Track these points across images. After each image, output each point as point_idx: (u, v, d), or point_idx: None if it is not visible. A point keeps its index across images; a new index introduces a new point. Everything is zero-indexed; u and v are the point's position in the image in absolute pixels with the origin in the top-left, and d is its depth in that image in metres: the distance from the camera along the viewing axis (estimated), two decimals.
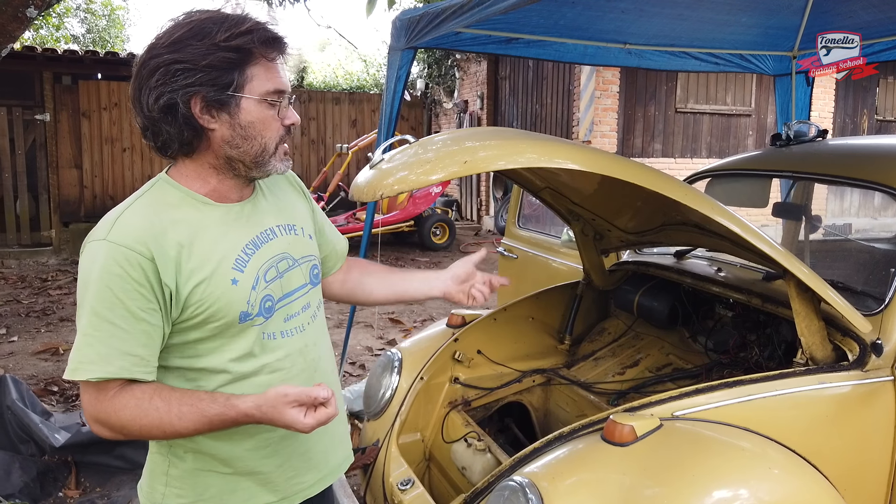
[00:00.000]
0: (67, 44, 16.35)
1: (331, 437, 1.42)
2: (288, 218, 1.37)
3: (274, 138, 1.25)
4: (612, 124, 9.06)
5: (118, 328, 1.14)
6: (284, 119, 1.26)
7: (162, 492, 1.28)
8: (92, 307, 1.14)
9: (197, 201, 1.24)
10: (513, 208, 4.13)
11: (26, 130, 8.88)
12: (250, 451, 1.28)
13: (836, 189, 9.29)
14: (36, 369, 4.69)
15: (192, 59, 1.17)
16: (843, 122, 10.33)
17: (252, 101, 1.20)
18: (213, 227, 1.23)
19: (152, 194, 1.24)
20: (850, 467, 1.83)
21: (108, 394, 1.15)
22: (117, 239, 1.15)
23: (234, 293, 1.21)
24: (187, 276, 1.18)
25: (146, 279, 1.15)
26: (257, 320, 1.25)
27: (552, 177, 2.29)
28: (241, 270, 1.23)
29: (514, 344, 2.63)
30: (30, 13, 2.81)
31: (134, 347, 1.15)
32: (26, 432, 3.17)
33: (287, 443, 1.32)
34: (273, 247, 1.30)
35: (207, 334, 1.22)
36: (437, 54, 12.28)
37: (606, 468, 1.56)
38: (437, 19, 2.93)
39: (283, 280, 1.30)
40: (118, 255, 1.14)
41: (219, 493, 1.28)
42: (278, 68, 1.24)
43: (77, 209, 9.31)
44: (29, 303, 6.63)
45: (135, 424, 1.14)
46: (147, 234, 1.16)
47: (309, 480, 1.37)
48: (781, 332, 2.21)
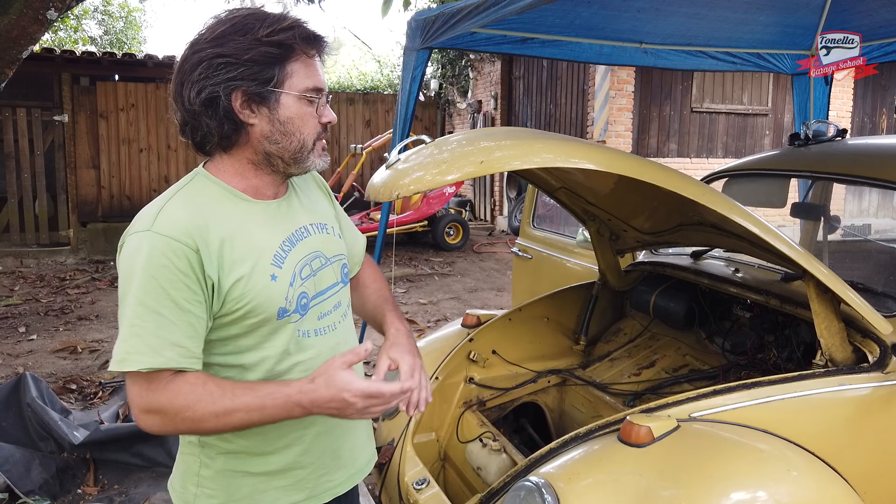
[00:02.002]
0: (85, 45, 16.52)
1: (358, 435, 1.43)
2: (319, 217, 1.39)
3: (312, 135, 1.26)
4: (626, 124, 9.01)
5: (165, 319, 1.13)
6: (322, 117, 1.27)
7: (194, 492, 1.29)
8: (138, 297, 1.13)
9: (236, 197, 1.25)
10: (527, 208, 4.12)
11: (45, 131, 8.99)
12: (283, 448, 1.29)
13: (854, 189, 9.19)
14: (55, 367, 4.75)
15: (235, 53, 1.18)
16: (862, 122, 10.21)
17: (292, 96, 1.22)
18: (252, 223, 1.24)
19: (192, 188, 1.25)
20: (871, 470, 1.81)
21: (161, 383, 1.13)
22: (162, 230, 1.15)
23: (273, 289, 1.22)
24: (228, 270, 1.18)
25: (191, 270, 1.14)
26: (294, 317, 1.25)
27: (567, 177, 2.28)
28: (279, 266, 1.24)
29: (530, 344, 2.62)
30: (50, 15, 2.84)
31: (181, 339, 1.14)
32: (46, 429, 3.21)
33: (319, 440, 1.32)
34: (307, 245, 1.31)
35: (245, 330, 1.22)
36: (451, 54, 12.28)
37: (623, 469, 1.55)
38: (452, 20, 2.93)
39: (316, 278, 1.31)
40: (164, 245, 1.13)
41: (250, 493, 1.28)
42: (317, 66, 1.25)
43: (94, 209, 9.41)
44: (47, 301, 6.71)
45: (189, 410, 1.12)
46: (191, 226, 1.16)
47: (338, 479, 1.38)
48: (800, 333, 2.19)
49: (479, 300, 6.71)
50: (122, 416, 3.66)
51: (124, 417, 3.64)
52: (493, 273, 7.99)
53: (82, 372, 4.62)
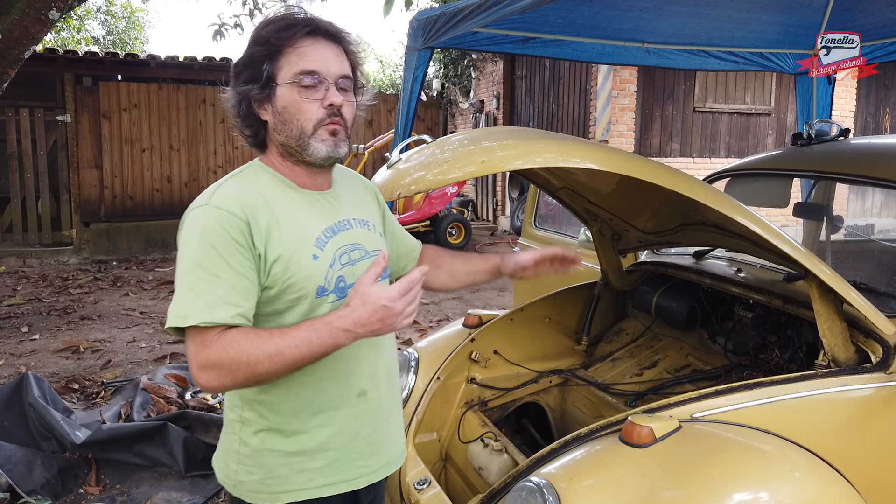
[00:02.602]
0: (88, 45, 16.56)
1: (393, 426, 1.49)
2: (362, 214, 1.47)
3: (311, 120, 1.31)
4: (629, 124, 9.00)
5: (221, 280, 1.22)
6: (324, 100, 1.31)
7: (235, 469, 1.37)
8: (197, 262, 1.22)
9: (283, 183, 1.36)
10: (529, 208, 4.11)
11: (48, 131, 9.00)
12: (315, 428, 1.35)
13: (857, 189, 9.17)
14: (57, 367, 4.76)
15: (238, 62, 1.34)
16: (865, 121, 10.18)
17: (285, 86, 1.30)
18: (297, 208, 1.34)
19: (245, 174, 1.37)
20: (874, 471, 1.80)
21: (212, 338, 1.20)
22: (218, 204, 1.26)
23: (313, 267, 1.30)
24: (274, 246, 1.27)
25: (244, 239, 1.25)
26: (331, 297, 1.33)
27: (569, 176, 2.28)
28: (321, 248, 1.33)
29: (531, 344, 2.62)
30: (52, 15, 2.84)
31: (236, 298, 1.22)
32: (48, 429, 3.21)
33: (350, 423, 1.38)
34: (348, 236, 1.39)
35: (286, 306, 1.30)
36: (454, 54, 12.28)
37: (625, 470, 1.54)
38: (454, 19, 2.93)
39: (354, 268, 1.38)
40: (220, 217, 1.24)
41: (287, 472, 1.34)
42: (310, 51, 1.30)
43: (97, 209, 9.42)
44: (50, 301, 6.72)
45: (243, 355, 1.18)
46: (243, 202, 1.27)
47: (373, 465, 1.43)
48: (802, 333, 2.18)
49: (481, 300, 6.70)
50: (125, 416, 3.67)
51: (126, 417, 3.64)
52: None
53: (84, 372, 4.63)
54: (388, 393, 1.47)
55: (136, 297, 7.02)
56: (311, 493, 1.35)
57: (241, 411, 1.37)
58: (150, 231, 9.50)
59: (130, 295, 7.08)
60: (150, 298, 6.94)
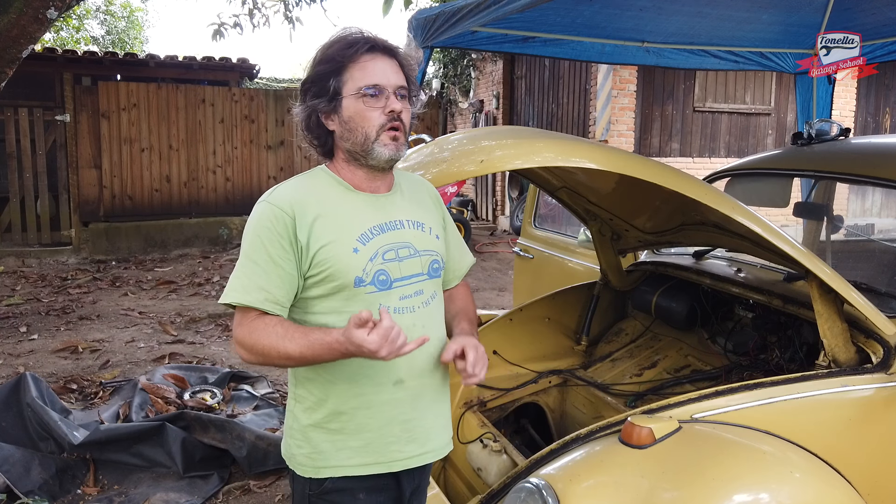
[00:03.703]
0: (87, 45, 16.55)
1: (435, 416, 1.56)
2: (419, 217, 1.56)
3: (374, 126, 1.44)
4: (629, 123, 8.99)
5: (259, 267, 1.41)
6: (385, 107, 1.44)
7: (288, 443, 1.54)
8: (245, 251, 1.44)
9: (342, 186, 1.50)
10: (529, 208, 4.10)
11: (47, 131, 8.99)
12: (355, 409, 1.47)
13: (857, 189, 9.16)
14: (55, 367, 4.74)
15: (306, 79, 1.50)
16: (865, 121, 10.17)
17: (350, 98, 1.44)
18: (350, 206, 1.48)
19: (307, 175, 1.53)
20: (874, 471, 1.80)
21: (248, 320, 1.41)
22: (271, 200, 1.45)
23: (352, 259, 1.43)
24: (317, 238, 1.42)
25: (287, 232, 1.42)
26: (369, 288, 1.45)
27: (569, 176, 2.27)
28: (363, 244, 1.45)
29: (531, 344, 2.61)
30: (50, 15, 2.84)
31: (269, 286, 1.40)
32: (45, 430, 3.20)
33: (385, 409, 1.48)
34: (398, 234, 1.50)
35: (327, 292, 1.45)
36: (453, 54, 12.27)
37: (624, 471, 1.54)
38: (453, 18, 2.92)
39: (402, 264, 1.49)
40: (269, 212, 1.43)
41: (329, 448, 1.48)
42: (375, 67, 1.45)
43: (96, 209, 9.41)
44: (49, 301, 6.71)
45: (259, 343, 1.38)
46: (293, 199, 1.44)
47: (409, 452, 1.51)
48: (803, 333, 2.17)
49: (481, 300, 6.69)
50: (123, 416, 3.66)
51: (124, 417, 3.63)
52: (495, 273, 7.98)
53: (83, 372, 4.62)
54: (431, 384, 1.55)
55: (134, 297, 7.01)
56: (348, 471, 1.47)
57: (295, 388, 1.53)
58: (150, 231, 9.48)
59: (129, 295, 7.07)
60: (149, 298, 6.93)
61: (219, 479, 3.16)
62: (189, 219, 9.75)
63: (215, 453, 3.26)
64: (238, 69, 10.28)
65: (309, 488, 1.50)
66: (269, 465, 3.18)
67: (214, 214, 9.85)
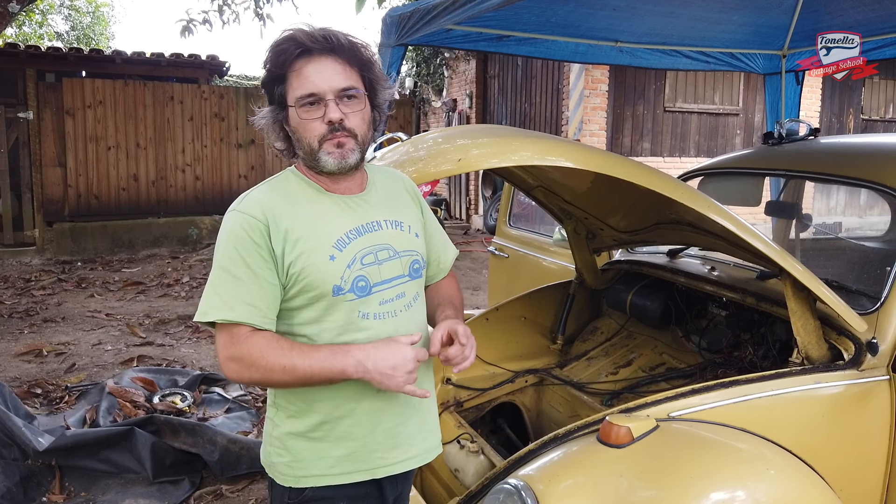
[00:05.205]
0: (51, 41, 16.17)
1: (420, 421, 1.52)
2: (397, 215, 1.50)
3: (315, 137, 1.38)
4: (601, 123, 9.06)
5: (240, 280, 1.34)
6: (324, 117, 1.37)
7: (268, 451, 1.49)
8: (220, 263, 1.37)
9: (313, 189, 1.44)
10: (504, 207, 4.10)
11: (9, 128, 8.75)
12: (338, 418, 1.42)
13: (822, 187, 9.33)
14: (19, 371, 4.61)
15: (261, 84, 1.45)
16: (830, 122, 10.39)
17: (292, 109, 1.39)
18: (323, 210, 1.42)
19: (277, 180, 1.47)
20: (846, 467, 1.82)
21: (241, 336, 1.34)
22: (242, 209, 1.39)
23: (329, 268, 1.38)
24: (292, 246, 1.37)
25: (263, 241, 1.36)
26: (349, 296, 1.40)
27: (545, 175, 2.27)
28: (340, 250, 1.39)
29: (507, 344, 2.60)
30: (11, 8, 2.75)
31: (253, 299, 1.34)
32: (9, 436, 3.10)
33: (369, 416, 1.44)
34: (377, 237, 1.44)
35: (306, 302, 1.39)
36: (426, 52, 12.24)
37: (603, 470, 1.54)
38: (427, 16, 2.90)
39: (381, 267, 1.44)
40: (242, 221, 1.37)
41: (310, 457, 1.43)
42: (305, 72, 1.37)
43: (61, 208, 9.18)
44: (12, 304, 6.53)
45: (263, 360, 1.32)
46: (265, 206, 1.38)
47: (393, 458, 1.47)
48: (776, 331, 2.20)
49: None
50: (90, 421, 3.57)
51: (91, 422, 3.54)
52: (469, 272, 7.97)
53: (48, 376, 4.50)
54: None
55: (101, 298, 6.85)
56: (330, 480, 1.43)
57: (275, 396, 1.47)
58: (117, 231, 9.29)
59: (96, 296, 6.92)
60: (117, 300, 6.79)
61: (190, 485, 3.09)
62: (158, 218, 9.57)
63: (186, 458, 3.19)
64: (207, 66, 10.11)
65: (288, 497, 1.45)
66: (242, 469, 3.13)
67: (184, 214, 9.67)
